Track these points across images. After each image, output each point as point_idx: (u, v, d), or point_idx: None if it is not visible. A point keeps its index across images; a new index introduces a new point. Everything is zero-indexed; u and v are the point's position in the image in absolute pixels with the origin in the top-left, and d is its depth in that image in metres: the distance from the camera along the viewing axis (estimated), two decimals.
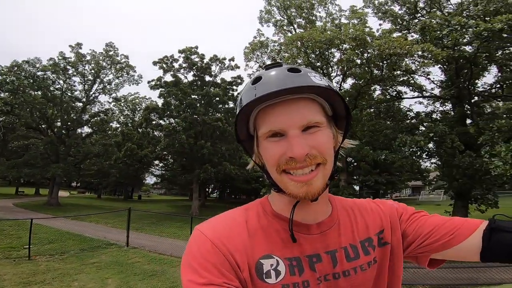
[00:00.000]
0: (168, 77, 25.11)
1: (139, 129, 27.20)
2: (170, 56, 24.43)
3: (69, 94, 26.15)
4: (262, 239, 0.61)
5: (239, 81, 26.32)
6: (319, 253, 0.61)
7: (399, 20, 15.79)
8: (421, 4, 15.50)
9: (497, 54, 13.33)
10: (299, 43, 13.90)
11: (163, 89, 24.30)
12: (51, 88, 24.60)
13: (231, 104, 27.15)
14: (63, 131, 25.64)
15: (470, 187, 13.01)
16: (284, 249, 0.60)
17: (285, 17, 18.30)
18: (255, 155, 0.65)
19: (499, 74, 14.20)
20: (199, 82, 25.89)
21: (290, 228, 0.61)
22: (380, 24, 20.54)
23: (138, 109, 34.55)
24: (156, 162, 32.34)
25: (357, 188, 27.61)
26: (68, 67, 25.20)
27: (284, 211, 0.64)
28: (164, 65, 24.20)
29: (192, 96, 25.13)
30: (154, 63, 24.45)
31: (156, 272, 7.69)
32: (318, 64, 15.16)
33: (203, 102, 25.15)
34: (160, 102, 25.46)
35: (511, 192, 22.95)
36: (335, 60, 15.33)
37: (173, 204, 33.19)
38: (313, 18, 18.12)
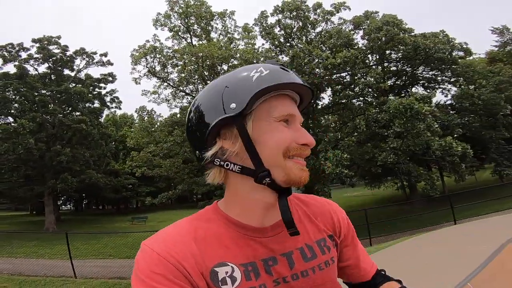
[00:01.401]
0: (11, 68, 19.66)
1: None
2: (17, 44, 19.32)
3: None
4: (214, 246, 0.58)
5: (111, 78, 23.58)
6: (274, 256, 0.60)
7: (276, 42, 18.49)
8: (294, 29, 18.75)
9: (332, 78, 17.76)
10: (194, 54, 14.34)
11: None
12: None
13: (96, 104, 24.02)
14: None
15: (313, 183, 17.31)
16: (239, 255, 0.58)
17: (184, 24, 17.98)
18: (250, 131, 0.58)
19: (331, 96, 19.53)
20: (54, 76, 21.57)
21: (288, 221, 0.56)
22: (263, 44, 23.51)
23: None
24: None
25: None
26: None
27: (241, 217, 0.61)
28: (6, 53, 18.88)
29: (42, 92, 20.68)
30: None
31: None
32: (207, 74, 15.96)
33: (58, 99, 21.13)
34: None
35: (338, 185, 31.55)
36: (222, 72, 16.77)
37: (11, 221, 25.73)
38: (210, 28, 18.60)
